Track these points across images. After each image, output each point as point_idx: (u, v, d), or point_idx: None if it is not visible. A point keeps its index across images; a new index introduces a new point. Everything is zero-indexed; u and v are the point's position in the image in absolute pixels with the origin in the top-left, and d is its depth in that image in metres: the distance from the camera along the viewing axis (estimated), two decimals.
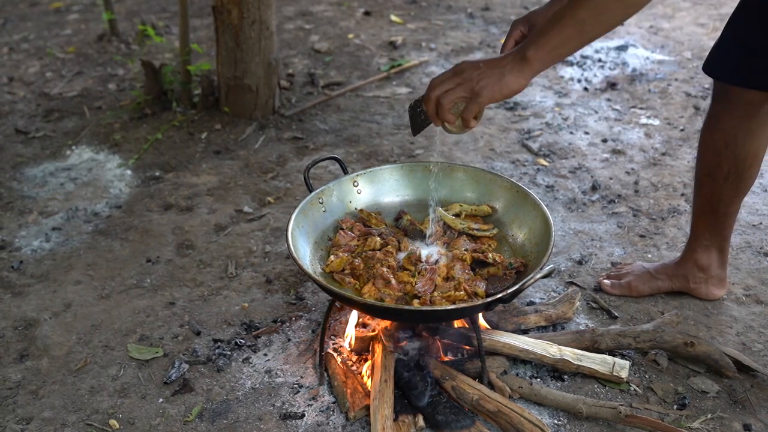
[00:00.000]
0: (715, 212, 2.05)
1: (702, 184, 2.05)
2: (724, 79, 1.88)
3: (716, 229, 2.08)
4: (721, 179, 1.98)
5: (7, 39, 4.84)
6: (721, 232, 2.09)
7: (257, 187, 2.95)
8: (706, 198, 2.05)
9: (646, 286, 2.20)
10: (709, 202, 2.05)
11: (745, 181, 1.99)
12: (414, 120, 1.82)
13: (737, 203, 2.04)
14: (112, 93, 3.92)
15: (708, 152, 1.99)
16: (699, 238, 2.12)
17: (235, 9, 3.25)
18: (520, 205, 1.95)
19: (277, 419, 1.81)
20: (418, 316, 1.77)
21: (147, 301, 2.28)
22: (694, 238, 2.14)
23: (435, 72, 4.09)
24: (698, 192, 2.08)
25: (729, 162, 1.95)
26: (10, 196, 2.93)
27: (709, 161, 1.99)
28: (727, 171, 1.96)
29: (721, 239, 2.11)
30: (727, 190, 2.00)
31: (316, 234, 1.95)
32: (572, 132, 3.35)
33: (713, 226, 2.08)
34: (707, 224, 2.09)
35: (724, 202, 2.02)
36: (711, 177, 2.00)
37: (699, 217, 2.10)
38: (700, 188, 2.06)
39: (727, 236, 2.11)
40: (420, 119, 1.80)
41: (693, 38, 4.48)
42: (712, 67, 1.91)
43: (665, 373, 1.93)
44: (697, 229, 2.12)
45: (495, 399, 1.72)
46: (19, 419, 1.84)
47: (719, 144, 1.95)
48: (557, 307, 2.10)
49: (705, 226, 2.09)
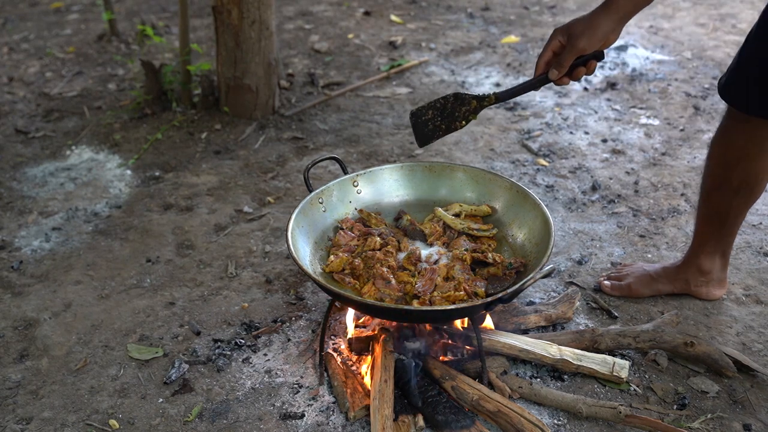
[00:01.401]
0: (723, 222, 2.03)
1: (710, 195, 2.02)
2: (744, 108, 1.83)
3: (721, 236, 2.07)
4: (730, 192, 1.96)
5: (7, 39, 4.84)
6: (726, 239, 2.08)
7: (257, 187, 2.95)
8: (713, 208, 2.03)
9: (646, 288, 2.19)
10: (716, 212, 2.02)
11: (755, 195, 1.97)
12: (419, 130, 1.76)
13: (745, 213, 2.03)
14: (112, 93, 3.92)
15: (719, 166, 1.96)
16: (703, 245, 2.10)
17: (235, 9, 3.25)
18: (520, 205, 1.95)
19: (277, 419, 1.81)
20: (418, 316, 1.77)
21: (147, 301, 2.28)
22: (698, 244, 2.12)
23: (435, 72, 4.09)
24: (706, 202, 2.04)
25: (740, 177, 1.92)
26: (10, 196, 2.93)
27: (720, 174, 1.96)
28: (737, 185, 1.94)
29: (726, 245, 2.10)
30: (736, 202, 1.97)
31: (316, 234, 1.95)
32: (572, 132, 3.35)
33: (719, 234, 2.06)
34: (713, 232, 2.07)
35: (732, 213, 2.00)
36: (720, 190, 1.98)
37: (705, 225, 2.08)
38: (708, 199, 2.03)
39: (732, 242, 2.10)
40: (427, 129, 1.75)
41: (693, 38, 4.48)
42: (731, 95, 1.85)
43: (665, 373, 1.93)
44: (701, 236, 2.10)
45: (495, 399, 1.72)
46: (19, 419, 1.84)
47: (731, 159, 1.91)
48: (557, 307, 2.10)
49: (710, 233, 2.07)
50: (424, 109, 1.77)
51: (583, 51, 1.59)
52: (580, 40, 1.57)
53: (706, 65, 4.06)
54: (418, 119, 1.77)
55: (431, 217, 2.03)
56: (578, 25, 1.59)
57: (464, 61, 4.25)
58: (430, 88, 3.89)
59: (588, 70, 1.64)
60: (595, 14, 1.58)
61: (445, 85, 3.91)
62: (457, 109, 1.74)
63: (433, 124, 1.76)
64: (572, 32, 1.59)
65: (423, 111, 1.76)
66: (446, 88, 3.86)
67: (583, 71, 1.64)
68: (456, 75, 4.04)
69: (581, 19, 1.60)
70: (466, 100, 1.72)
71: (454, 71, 4.09)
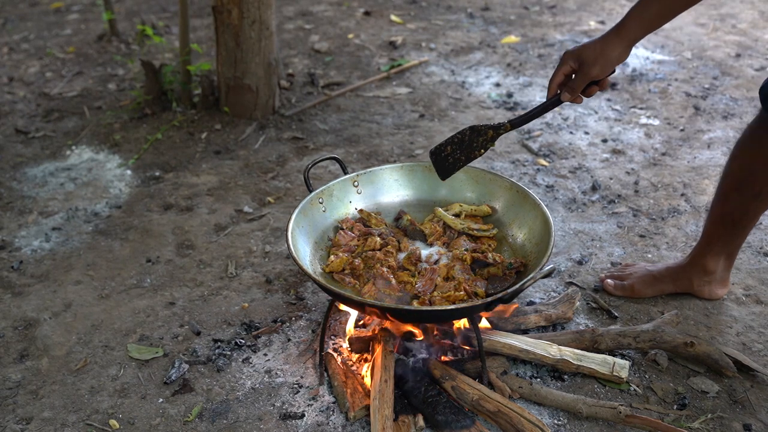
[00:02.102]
0: (736, 224, 2.02)
1: (728, 197, 2.00)
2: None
3: (731, 239, 2.06)
4: (750, 196, 1.94)
5: (7, 39, 4.84)
6: (736, 241, 2.07)
7: (257, 187, 2.95)
8: (728, 210, 2.01)
9: (649, 289, 2.19)
10: (731, 214, 2.01)
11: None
12: (440, 164, 1.83)
13: (759, 218, 2.02)
14: (112, 93, 3.92)
15: (742, 169, 1.94)
16: (711, 245, 2.09)
17: (235, 9, 3.25)
18: (520, 205, 1.95)
19: (277, 419, 1.81)
20: (418, 316, 1.77)
21: (147, 301, 2.28)
22: (705, 244, 2.10)
23: (435, 72, 4.09)
24: (722, 203, 2.03)
25: (763, 182, 1.90)
26: (10, 196, 2.93)
27: (741, 177, 1.94)
28: (759, 190, 1.92)
29: (734, 248, 2.09)
30: (754, 206, 1.96)
31: (316, 234, 1.95)
32: (572, 132, 3.36)
33: (730, 235, 2.05)
34: (723, 234, 2.06)
35: (748, 216, 1.99)
36: (740, 192, 1.96)
37: (716, 226, 2.06)
38: (725, 201, 2.01)
39: (740, 245, 2.09)
40: (448, 163, 1.81)
41: (693, 38, 4.48)
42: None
43: (665, 373, 1.93)
44: (711, 236, 2.09)
45: (495, 399, 1.72)
46: (19, 419, 1.84)
47: (757, 164, 1.89)
48: (557, 307, 2.10)
49: (720, 235, 2.06)
50: (443, 145, 1.83)
51: (596, 78, 1.61)
52: (594, 68, 1.59)
53: (706, 65, 4.06)
54: (438, 156, 1.83)
55: (431, 217, 2.03)
56: (590, 52, 1.59)
57: (464, 61, 4.25)
58: (430, 88, 3.89)
59: (601, 87, 1.66)
60: (607, 41, 1.57)
61: (445, 85, 3.91)
62: (474, 140, 1.78)
63: (452, 157, 1.83)
64: (584, 60, 1.59)
65: (442, 148, 1.83)
66: (446, 88, 3.86)
67: (596, 89, 1.66)
68: (456, 75, 4.04)
69: (592, 45, 1.59)
70: (482, 131, 1.77)
71: (454, 71, 4.09)
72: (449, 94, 3.80)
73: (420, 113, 3.59)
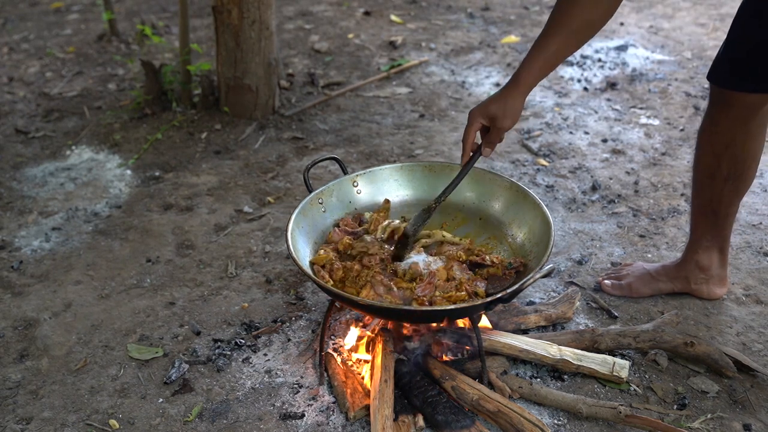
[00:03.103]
0: (716, 213, 2.06)
1: (702, 186, 2.05)
2: (727, 86, 1.87)
3: (717, 229, 2.09)
4: (721, 180, 1.99)
5: (7, 39, 4.84)
6: (722, 232, 2.09)
7: (257, 187, 2.95)
8: (706, 199, 2.05)
9: (646, 287, 2.20)
10: (709, 203, 2.05)
11: (745, 182, 2.00)
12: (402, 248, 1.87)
13: (737, 203, 2.05)
14: (112, 93, 3.92)
15: (707, 155, 2.00)
16: (699, 240, 2.12)
17: (235, 9, 3.25)
18: (520, 204, 1.95)
19: (277, 419, 1.81)
20: (418, 316, 1.77)
21: (147, 301, 2.28)
22: (694, 240, 2.14)
23: (435, 72, 4.09)
24: (698, 194, 2.08)
25: (729, 163, 1.95)
26: (10, 196, 2.93)
27: (709, 163, 2.00)
28: (727, 172, 1.97)
29: (722, 239, 2.11)
30: (727, 191, 2.00)
31: (316, 234, 1.95)
32: (572, 132, 3.36)
33: (714, 226, 2.08)
34: (708, 225, 2.09)
35: (724, 203, 2.03)
36: (711, 179, 2.01)
37: (699, 218, 2.11)
38: (700, 190, 2.06)
39: (728, 236, 2.11)
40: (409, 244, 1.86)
41: (693, 38, 4.48)
42: (715, 76, 1.91)
43: (665, 373, 1.93)
44: (697, 230, 2.12)
45: (495, 399, 1.72)
46: (19, 419, 1.84)
47: (719, 146, 1.95)
48: (557, 307, 2.10)
49: (705, 227, 2.10)
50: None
51: (508, 129, 1.74)
52: (506, 121, 1.71)
53: (706, 65, 4.05)
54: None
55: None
56: (497, 108, 1.70)
57: (464, 61, 4.25)
58: (430, 88, 3.89)
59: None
60: (509, 96, 1.69)
61: (445, 85, 3.91)
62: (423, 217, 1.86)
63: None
64: (495, 115, 1.71)
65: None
66: (446, 88, 3.86)
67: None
68: (456, 75, 4.04)
69: (496, 101, 1.71)
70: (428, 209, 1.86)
71: (454, 71, 4.10)
72: (449, 94, 3.80)
73: (420, 113, 3.59)
